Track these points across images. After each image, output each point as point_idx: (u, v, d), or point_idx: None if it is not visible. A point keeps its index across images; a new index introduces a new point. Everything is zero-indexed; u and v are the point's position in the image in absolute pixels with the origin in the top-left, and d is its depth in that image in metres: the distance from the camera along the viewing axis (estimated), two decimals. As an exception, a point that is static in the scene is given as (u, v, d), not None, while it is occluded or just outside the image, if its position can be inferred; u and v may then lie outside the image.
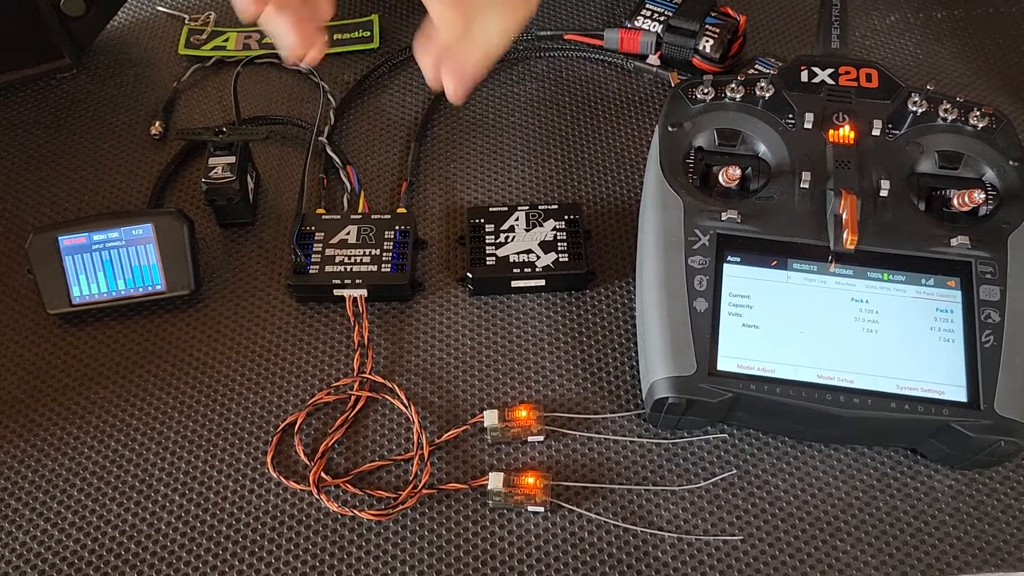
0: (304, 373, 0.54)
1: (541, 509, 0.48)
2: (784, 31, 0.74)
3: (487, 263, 0.56)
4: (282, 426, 0.51)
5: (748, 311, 0.48)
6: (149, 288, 0.55)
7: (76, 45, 0.69)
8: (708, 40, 0.67)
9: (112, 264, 0.55)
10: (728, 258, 0.49)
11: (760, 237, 0.50)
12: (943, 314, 0.48)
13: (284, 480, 0.49)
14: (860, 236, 0.48)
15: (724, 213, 0.50)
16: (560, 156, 0.65)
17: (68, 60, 0.70)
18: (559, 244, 0.57)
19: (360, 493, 0.48)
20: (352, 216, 0.59)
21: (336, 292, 0.56)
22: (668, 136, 0.54)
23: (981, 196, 0.50)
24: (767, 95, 0.54)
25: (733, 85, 0.55)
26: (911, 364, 0.47)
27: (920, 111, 0.53)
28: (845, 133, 0.53)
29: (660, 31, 0.68)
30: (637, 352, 0.53)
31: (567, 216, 0.58)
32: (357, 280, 0.55)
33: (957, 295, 0.48)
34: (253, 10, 0.39)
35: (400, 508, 0.48)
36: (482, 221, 0.58)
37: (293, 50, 0.42)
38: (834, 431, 0.49)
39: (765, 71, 0.64)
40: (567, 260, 0.56)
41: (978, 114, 0.53)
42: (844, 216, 0.49)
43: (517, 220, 0.58)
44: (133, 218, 0.55)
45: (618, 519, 0.48)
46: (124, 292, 0.55)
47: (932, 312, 0.48)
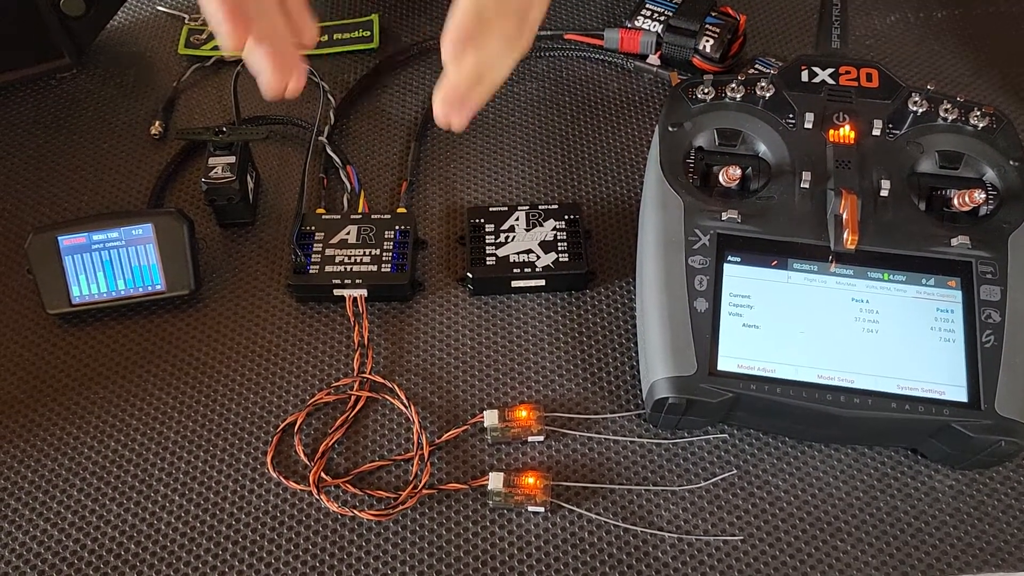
0: (304, 373, 0.54)
1: (541, 509, 0.48)
2: (784, 31, 0.74)
3: (487, 263, 0.56)
4: (282, 426, 0.51)
5: (748, 311, 0.48)
6: (149, 288, 0.55)
7: (76, 45, 0.69)
8: (708, 40, 0.67)
9: (112, 264, 0.55)
10: (728, 258, 0.49)
11: (760, 237, 0.50)
12: (943, 314, 0.48)
13: (284, 480, 0.49)
14: (860, 236, 0.48)
15: (724, 213, 0.50)
16: (560, 156, 0.65)
17: (68, 60, 0.70)
18: (559, 244, 0.57)
19: (360, 493, 0.48)
20: (352, 216, 0.59)
21: (336, 292, 0.56)
22: (668, 136, 0.54)
23: (981, 196, 0.50)
24: (767, 95, 0.54)
25: (733, 85, 0.55)
26: (911, 364, 0.47)
27: (920, 111, 0.53)
28: (845, 133, 0.53)
29: (660, 31, 0.68)
30: (637, 352, 0.53)
31: (567, 216, 0.58)
32: (357, 280, 0.55)
33: (957, 295, 0.48)
34: (234, 41, 0.39)
35: (400, 508, 0.48)
36: (482, 221, 0.58)
37: (271, 84, 0.42)
38: (834, 431, 0.49)
39: (765, 71, 0.64)
40: (567, 260, 0.56)
41: (978, 114, 0.53)
42: (844, 216, 0.49)
43: (517, 220, 0.58)
44: (133, 218, 0.55)
45: (618, 519, 0.48)
46: (124, 292, 0.55)
47: (932, 312, 0.48)
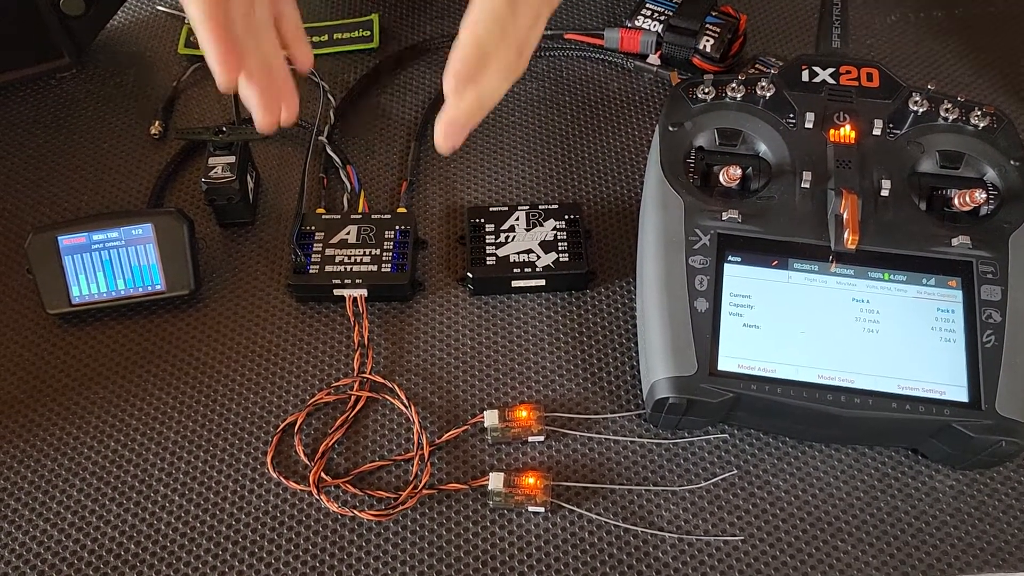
0: (304, 373, 0.54)
1: (541, 509, 0.48)
2: (784, 30, 0.74)
3: (487, 263, 0.56)
4: (282, 426, 0.51)
5: (749, 311, 0.48)
6: (149, 288, 0.55)
7: (76, 44, 0.69)
8: (708, 39, 0.67)
9: (112, 264, 0.55)
10: (729, 258, 0.49)
11: (761, 237, 0.50)
12: (944, 314, 0.48)
13: (284, 480, 0.49)
14: (861, 236, 0.48)
15: (725, 213, 0.50)
16: (560, 156, 0.65)
17: (68, 59, 0.69)
18: (559, 244, 0.57)
19: (360, 493, 0.48)
20: (352, 216, 0.59)
21: (336, 292, 0.56)
22: (669, 136, 0.54)
23: (982, 196, 0.50)
24: (768, 95, 0.54)
25: (734, 84, 0.54)
26: (912, 364, 0.47)
27: (921, 111, 0.53)
28: (846, 133, 0.52)
29: (660, 30, 0.68)
30: (638, 352, 0.53)
31: (567, 216, 0.58)
32: (357, 280, 0.55)
33: (958, 295, 0.48)
34: (227, 78, 0.40)
35: (400, 508, 0.48)
36: (482, 221, 0.58)
37: (262, 120, 0.43)
38: (835, 431, 0.49)
39: (766, 70, 0.64)
40: (567, 260, 0.56)
41: (979, 113, 0.53)
42: (845, 216, 0.49)
43: (517, 220, 0.58)
44: (133, 218, 0.55)
45: (619, 519, 0.48)
46: (124, 292, 0.55)
47: (933, 312, 0.48)
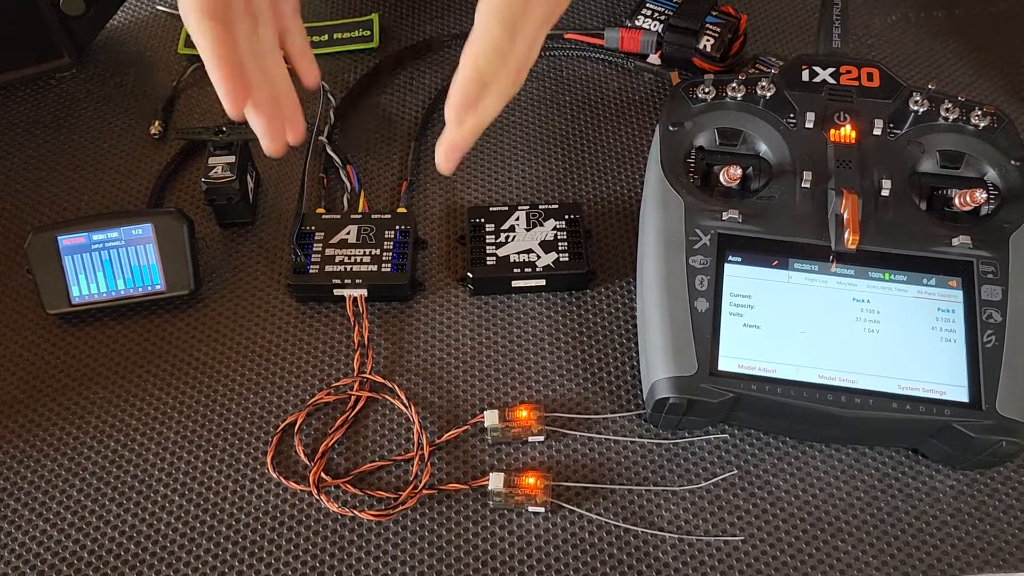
0: (304, 373, 0.54)
1: (542, 509, 0.48)
2: (785, 30, 0.74)
3: (487, 263, 0.56)
4: (282, 426, 0.51)
5: (749, 311, 0.48)
6: (149, 288, 0.55)
7: (76, 44, 0.69)
8: (709, 39, 0.67)
9: (112, 264, 0.54)
10: (729, 258, 0.49)
11: (761, 237, 0.50)
12: (944, 314, 0.48)
13: (284, 480, 0.49)
14: (861, 236, 0.48)
15: (725, 213, 0.50)
16: (561, 156, 0.65)
17: (68, 59, 0.69)
18: (559, 244, 0.56)
19: (360, 493, 0.48)
20: (352, 216, 0.59)
21: (336, 292, 0.56)
22: (669, 135, 0.54)
23: (983, 196, 0.50)
24: (768, 94, 0.54)
25: (734, 84, 0.54)
26: (912, 364, 0.47)
27: (921, 110, 0.53)
28: (846, 132, 0.52)
29: (661, 30, 0.68)
30: (638, 352, 0.53)
31: (568, 216, 0.58)
32: (357, 280, 0.55)
33: (959, 295, 0.48)
34: (235, 107, 0.42)
35: (400, 508, 0.48)
36: (482, 221, 0.58)
37: (269, 147, 0.46)
38: (835, 431, 0.49)
39: (766, 70, 0.64)
40: (568, 260, 0.56)
41: (979, 113, 0.53)
42: (845, 216, 0.49)
43: (517, 220, 0.58)
44: (133, 218, 0.55)
45: (619, 519, 0.47)
46: (124, 292, 0.55)
47: (934, 312, 0.48)
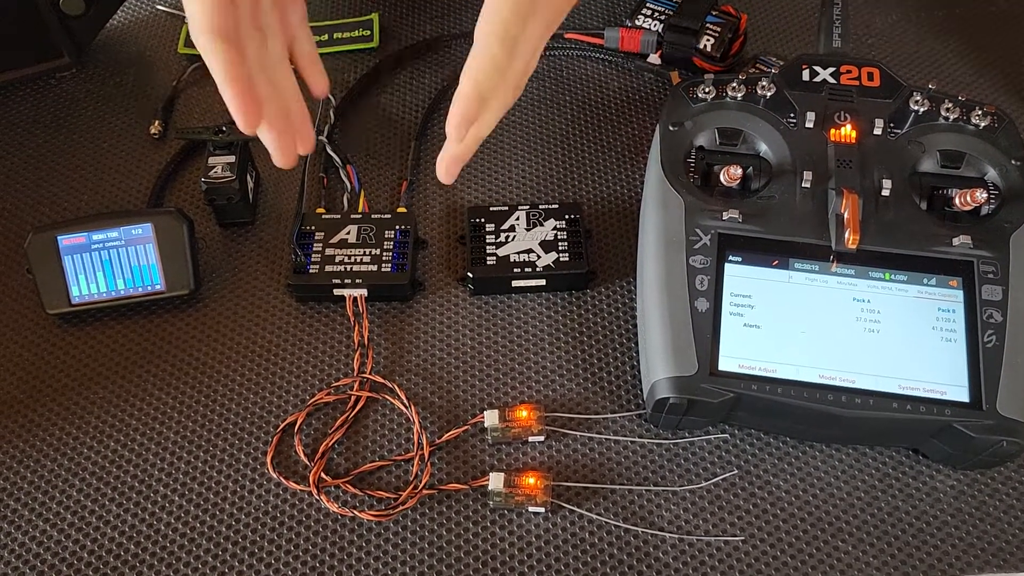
0: (304, 373, 0.54)
1: (542, 509, 0.48)
2: (785, 30, 0.74)
3: (487, 263, 0.56)
4: (282, 426, 0.51)
5: (749, 311, 0.48)
6: (148, 288, 0.55)
7: (76, 44, 0.69)
8: (709, 39, 0.67)
9: (111, 264, 0.54)
10: (729, 258, 0.49)
11: (761, 237, 0.50)
12: (945, 314, 0.48)
13: (284, 480, 0.49)
14: (862, 236, 0.48)
15: (725, 212, 0.50)
16: (561, 155, 0.65)
17: (68, 59, 0.69)
18: (560, 244, 0.56)
19: (360, 493, 0.48)
20: (352, 216, 0.58)
21: (336, 292, 0.56)
22: (669, 135, 0.54)
23: (983, 195, 0.50)
24: (768, 94, 0.54)
25: (734, 84, 0.54)
26: (913, 364, 0.47)
27: (922, 110, 0.53)
28: (847, 132, 0.52)
29: (661, 30, 0.68)
30: (638, 352, 0.53)
31: (568, 215, 0.58)
32: (357, 280, 0.55)
33: (959, 295, 0.48)
34: (248, 125, 0.42)
35: (400, 509, 0.48)
36: (482, 220, 0.58)
37: (281, 160, 0.46)
38: (836, 431, 0.49)
39: (766, 70, 0.64)
40: (568, 260, 0.56)
41: (980, 113, 0.53)
42: (846, 215, 0.48)
43: (518, 219, 0.58)
44: (132, 218, 0.55)
45: (619, 519, 0.47)
46: (123, 292, 0.55)
47: (934, 312, 0.48)
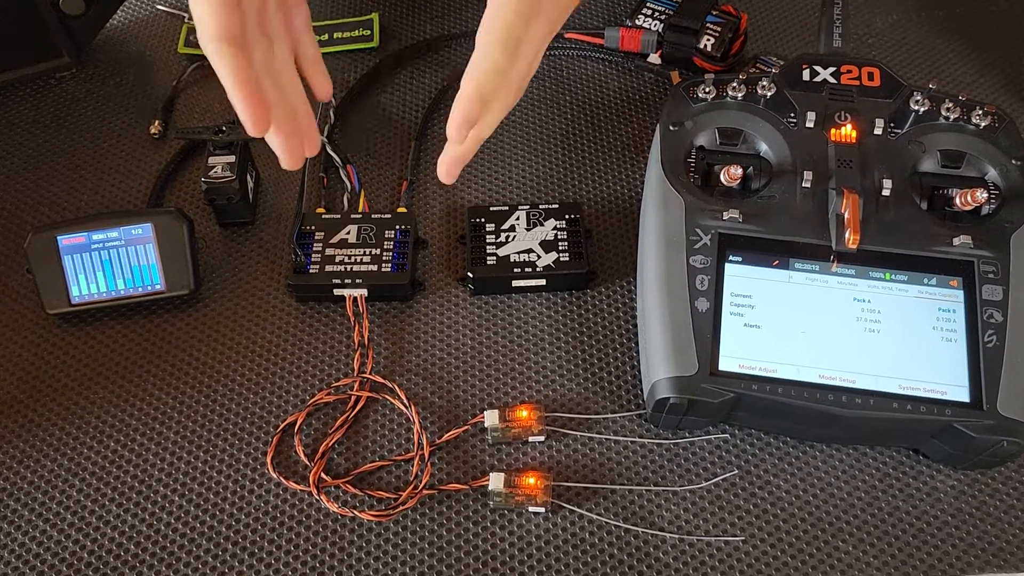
0: (304, 373, 0.54)
1: (542, 510, 0.48)
2: (785, 29, 0.74)
3: (488, 263, 0.56)
4: (282, 426, 0.51)
5: (750, 311, 0.48)
6: (148, 288, 0.55)
7: (75, 44, 0.69)
8: (709, 39, 0.67)
9: (111, 264, 0.54)
10: (730, 258, 0.49)
11: (762, 237, 0.50)
12: (945, 314, 0.48)
13: (284, 481, 0.49)
14: (862, 235, 0.48)
15: (726, 212, 0.50)
16: (561, 155, 0.65)
17: (67, 59, 0.69)
18: (560, 243, 0.56)
19: (360, 494, 0.48)
20: (352, 215, 0.58)
21: (336, 292, 0.56)
22: (669, 135, 0.54)
23: (983, 195, 0.50)
24: (769, 94, 0.54)
25: (734, 84, 0.54)
26: (913, 364, 0.47)
27: (922, 110, 0.53)
28: (847, 132, 0.52)
29: (661, 30, 0.68)
30: (638, 352, 0.53)
31: (568, 215, 0.58)
32: (357, 280, 0.55)
33: (959, 295, 0.48)
34: (258, 129, 0.43)
35: (400, 509, 0.47)
36: (483, 220, 0.58)
37: (288, 163, 0.47)
38: (836, 431, 0.49)
39: (766, 70, 0.64)
40: (568, 260, 0.56)
41: (980, 113, 0.53)
42: (846, 215, 0.48)
43: (518, 219, 0.58)
44: (132, 218, 0.55)
45: (619, 519, 0.47)
46: (123, 292, 0.55)
47: (934, 312, 0.48)
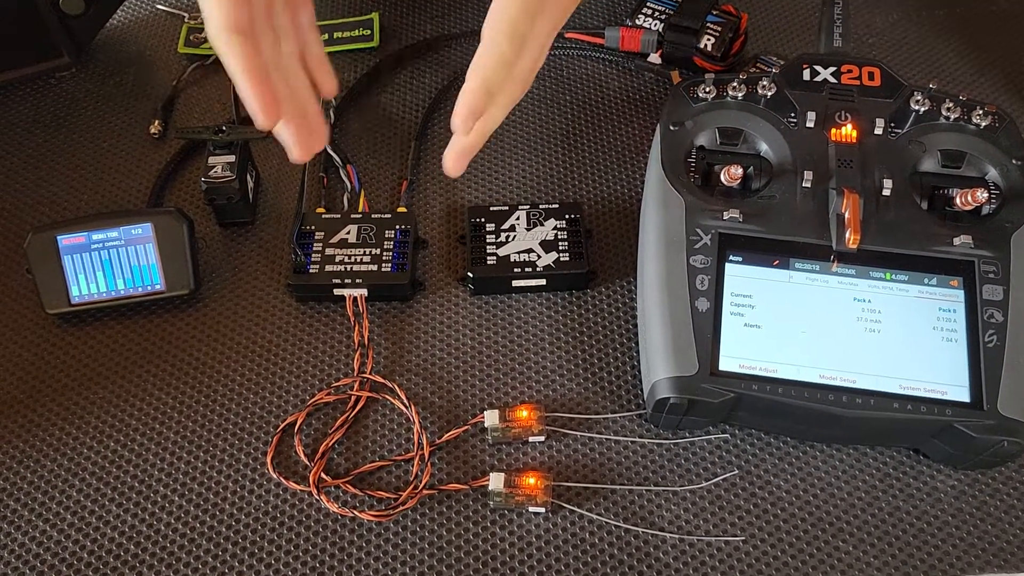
0: (304, 373, 0.54)
1: (542, 510, 0.48)
2: (786, 29, 0.74)
3: (488, 262, 0.56)
4: (282, 426, 0.51)
5: (750, 311, 0.48)
6: (148, 288, 0.55)
7: (75, 44, 0.69)
8: (709, 38, 0.67)
9: (111, 264, 0.54)
10: (730, 257, 0.49)
11: (762, 236, 0.50)
12: (946, 314, 0.48)
13: (284, 481, 0.49)
14: (862, 235, 0.48)
15: (726, 212, 0.50)
16: (561, 155, 0.65)
17: (67, 59, 0.69)
18: (560, 243, 0.56)
19: (360, 494, 0.48)
20: (352, 215, 0.58)
21: (336, 292, 0.56)
22: (670, 135, 0.54)
23: (984, 195, 0.50)
24: (769, 94, 0.54)
25: (735, 84, 0.54)
26: (914, 364, 0.47)
27: (923, 110, 0.53)
28: (847, 132, 0.52)
29: (661, 29, 0.68)
30: (638, 352, 0.53)
31: (568, 215, 0.58)
32: (357, 280, 0.55)
33: (960, 295, 0.48)
34: (268, 120, 0.42)
35: (400, 509, 0.47)
36: (483, 220, 0.58)
37: (298, 156, 0.46)
38: (836, 431, 0.49)
39: (767, 69, 0.64)
40: (568, 259, 0.56)
41: (981, 112, 0.53)
42: (846, 215, 0.48)
43: (518, 219, 0.58)
44: (132, 217, 0.55)
45: (619, 520, 0.47)
46: (123, 292, 0.55)
47: (935, 312, 0.48)
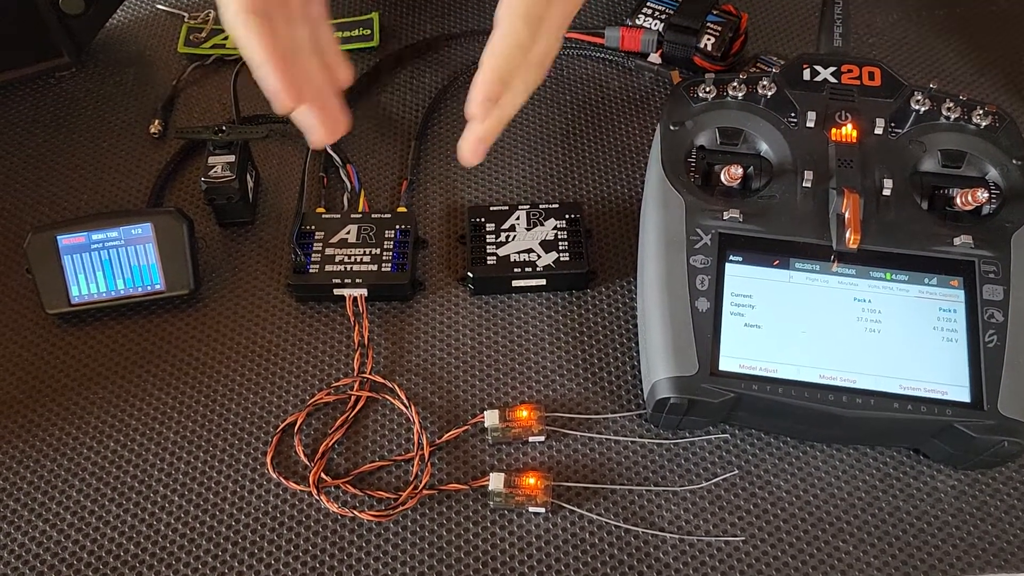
0: (304, 373, 0.54)
1: (542, 510, 0.47)
2: (786, 29, 0.74)
3: (488, 262, 0.56)
4: (282, 426, 0.51)
5: (750, 311, 0.48)
6: (148, 288, 0.55)
7: (75, 43, 0.69)
8: (710, 38, 0.67)
9: (111, 264, 0.54)
10: (730, 257, 0.49)
11: (762, 236, 0.49)
12: (946, 314, 0.48)
13: (284, 481, 0.49)
14: (863, 235, 0.48)
15: (726, 212, 0.50)
16: (561, 155, 0.65)
17: (67, 59, 0.69)
18: (560, 243, 0.56)
19: (360, 494, 0.48)
20: (352, 215, 0.58)
21: (336, 292, 0.56)
22: (670, 135, 0.54)
23: (984, 195, 0.50)
24: (769, 93, 0.54)
25: (735, 83, 0.54)
26: (914, 364, 0.47)
27: (923, 109, 0.53)
28: (848, 132, 0.52)
29: (661, 29, 0.68)
30: (638, 352, 0.53)
31: (568, 215, 0.58)
32: (357, 280, 0.55)
33: (960, 295, 0.48)
34: (288, 105, 0.42)
35: (400, 509, 0.47)
36: (483, 220, 0.58)
37: (320, 140, 0.46)
38: (836, 431, 0.49)
39: (767, 69, 0.64)
40: (568, 259, 0.56)
41: (981, 112, 0.53)
42: (847, 215, 0.48)
43: (518, 219, 0.58)
44: (132, 217, 0.55)
45: (619, 520, 0.47)
46: (123, 292, 0.55)
47: (935, 312, 0.48)
